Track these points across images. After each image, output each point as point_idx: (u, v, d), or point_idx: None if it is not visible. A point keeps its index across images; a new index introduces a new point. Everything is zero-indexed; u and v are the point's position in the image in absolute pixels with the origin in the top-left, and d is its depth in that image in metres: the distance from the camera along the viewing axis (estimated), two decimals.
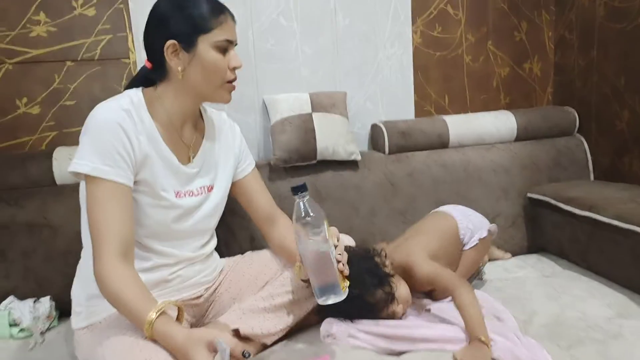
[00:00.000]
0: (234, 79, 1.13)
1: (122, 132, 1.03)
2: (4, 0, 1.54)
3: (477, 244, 1.47)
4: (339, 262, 1.05)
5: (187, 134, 1.18)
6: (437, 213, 1.56)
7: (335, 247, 1.07)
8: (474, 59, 2.02)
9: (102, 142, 1.02)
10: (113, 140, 1.02)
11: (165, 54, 1.08)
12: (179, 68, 1.08)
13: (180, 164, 1.15)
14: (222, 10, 1.10)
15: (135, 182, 1.07)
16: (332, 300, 1.03)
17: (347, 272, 1.07)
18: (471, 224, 1.49)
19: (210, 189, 1.22)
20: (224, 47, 1.09)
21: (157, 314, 0.94)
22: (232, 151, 1.29)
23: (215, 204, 1.23)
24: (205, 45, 1.07)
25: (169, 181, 1.13)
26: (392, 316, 1.23)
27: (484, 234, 1.49)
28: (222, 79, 1.11)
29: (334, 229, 1.10)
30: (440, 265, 1.32)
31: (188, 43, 1.07)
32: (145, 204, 1.10)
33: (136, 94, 1.11)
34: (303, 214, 1.01)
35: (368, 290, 1.19)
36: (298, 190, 1.01)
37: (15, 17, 1.56)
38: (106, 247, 0.99)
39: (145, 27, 1.12)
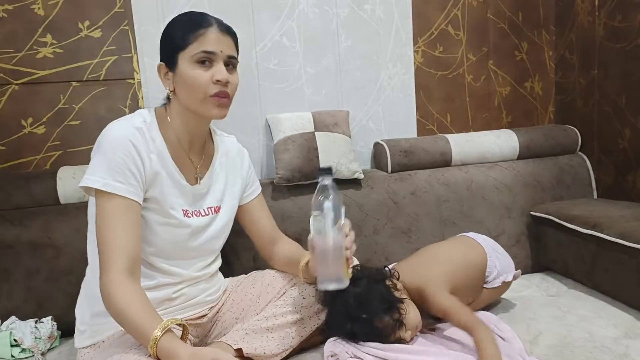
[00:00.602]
0: (219, 93, 1.10)
1: (133, 149, 1.05)
2: (12, 23, 1.57)
3: (499, 286, 1.42)
4: (347, 249, 1.06)
5: (196, 155, 1.20)
6: (467, 240, 1.47)
7: (346, 236, 1.08)
8: (476, 78, 2.03)
9: (114, 158, 1.03)
10: (124, 157, 1.04)
11: (159, 77, 1.13)
12: (170, 89, 1.12)
13: (188, 183, 1.16)
14: (202, 23, 1.09)
15: (144, 200, 1.08)
16: (333, 287, 1.03)
17: (353, 262, 1.09)
18: (499, 263, 1.42)
19: (217, 210, 1.23)
20: (203, 60, 1.09)
21: (163, 332, 0.93)
22: (239, 175, 1.30)
23: (222, 226, 1.24)
24: (184, 61, 1.09)
25: (177, 200, 1.14)
26: (399, 341, 1.20)
27: (510, 278, 1.42)
28: (204, 93, 1.09)
29: (347, 221, 1.09)
30: (459, 300, 1.24)
31: (171, 63, 1.10)
32: (154, 221, 1.11)
33: (149, 113, 1.14)
34: (322, 196, 1.02)
35: (376, 315, 1.17)
36: (323, 172, 1.04)
37: (22, 39, 1.58)
38: (113, 263, 0.99)
39: None
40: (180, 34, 1.09)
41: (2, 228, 1.44)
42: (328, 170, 1.04)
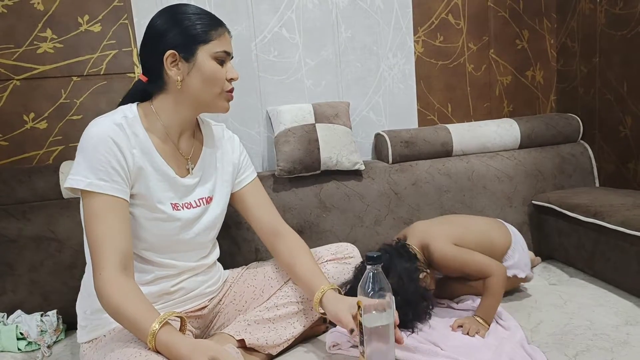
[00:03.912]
0: (232, 89, 1.17)
1: (114, 146, 1.05)
2: (11, 18, 1.57)
3: (509, 277, 1.38)
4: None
5: (184, 146, 1.19)
6: (497, 222, 1.51)
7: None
8: (476, 67, 2.03)
9: (96, 157, 1.03)
10: (106, 154, 1.03)
11: (164, 64, 1.10)
12: (178, 78, 1.11)
13: (177, 176, 1.16)
14: (221, 23, 1.14)
15: (131, 196, 1.08)
16: None
17: (403, 342, 1.09)
18: (518, 256, 1.42)
19: (209, 200, 1.23)
20: (221, 58, 1.13)
21: (160, 325, 0.94)
22: (231, 162, 1.29)
23: (214, 216, 1.23)
24: (204, 55, 1.11)
25: (165, 194, 1.14)
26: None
27: (522, 274, 1.42)
28: (220, 88, 1.14)
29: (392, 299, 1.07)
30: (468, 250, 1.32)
31: (188, 53, 1.10)
32: (142, 217, 1.11)
33: (130, 109, 1.13)
34: (372, 286, 1.01)
35: (414, 274, 1.24)
36: (372, 260, 1.01)
37: (22, 34, 1.58)
38: (105, 261, 1.00)
39: (143, 40, 1.14)
40: (200, 28, 1.10)
41: (5, 222, 1.45)
42: (378, 259, 1.01)
